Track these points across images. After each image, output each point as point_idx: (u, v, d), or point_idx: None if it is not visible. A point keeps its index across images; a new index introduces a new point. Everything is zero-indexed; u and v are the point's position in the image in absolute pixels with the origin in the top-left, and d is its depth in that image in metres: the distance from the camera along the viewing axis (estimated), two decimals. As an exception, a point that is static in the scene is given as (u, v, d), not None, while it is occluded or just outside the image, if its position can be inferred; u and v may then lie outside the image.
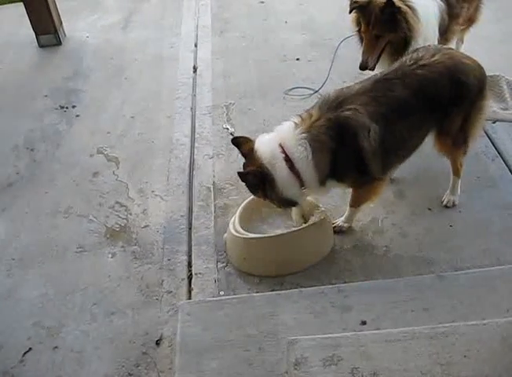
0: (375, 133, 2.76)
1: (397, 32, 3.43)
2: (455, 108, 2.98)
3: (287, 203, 2.95)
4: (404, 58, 3.00)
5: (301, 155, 2.71)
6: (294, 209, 3.18)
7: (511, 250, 3.12)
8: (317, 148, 2.72)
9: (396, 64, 2.98)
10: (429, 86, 2.87)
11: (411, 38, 3.44)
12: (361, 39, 3.62)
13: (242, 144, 2.89)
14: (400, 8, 3.35)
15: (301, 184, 2.80)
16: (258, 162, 2.76)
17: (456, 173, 3.34)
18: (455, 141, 3.14)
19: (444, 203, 3.41)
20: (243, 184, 2.94)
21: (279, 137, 2.78)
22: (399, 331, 2.37)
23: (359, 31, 3.60)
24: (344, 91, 2.87)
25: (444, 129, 3.06)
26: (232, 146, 3.03)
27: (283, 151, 2.73)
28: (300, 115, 2.84)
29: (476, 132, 3.19)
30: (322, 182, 2.85)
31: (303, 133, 2.73)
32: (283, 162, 2.73)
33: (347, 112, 2.74)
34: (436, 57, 2.91)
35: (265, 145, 2.78)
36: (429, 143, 3.15)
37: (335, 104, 2.78)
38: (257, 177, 2.77)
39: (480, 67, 3.04)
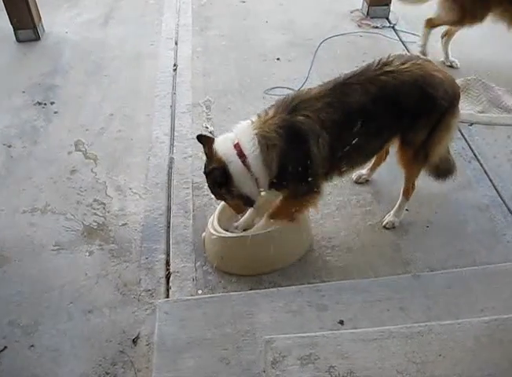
0: (324, 141, 2.77)
1: None
2: (421, 120, 2.93)
3: (246, 202, 2.95)
4: (372, 61, 2.93)
5: (251, 150, 2.75)
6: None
7: (486, 250, 3.18)
8: (265, 144, 2.74)
9: (364, 67, 2.91)
10: (390, 94, 2.81)
11: None
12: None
13: (206, 143, 2.89)
14: None
15: (256, 180, 2.82)
16: (218, 160, 2.79)
17: (406, 193, 3.29)
18: (416, 155, 3.06)
19: (384, 223, 3.36)
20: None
21: (234, 136, 2.82)
22: (375, 331, 2.40)
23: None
24: (302, 94, 2.87)
25: (407, 140, 3.01)
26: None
27: (238, 148, 2.76)
28: (258, 114, 2.86)
29: (440, 149, 3.09)
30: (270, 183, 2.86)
31: (255, 129, 2.77)
32: (237, 158, 2.76)
33: (300, 117, 2.75)
34: (405, 65, 2.84)
35: (222, 144, 2.83)
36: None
37: (291, 106, 2.79)
38: (221, 174, 2.79)
39: (453, 83, 2.98)
